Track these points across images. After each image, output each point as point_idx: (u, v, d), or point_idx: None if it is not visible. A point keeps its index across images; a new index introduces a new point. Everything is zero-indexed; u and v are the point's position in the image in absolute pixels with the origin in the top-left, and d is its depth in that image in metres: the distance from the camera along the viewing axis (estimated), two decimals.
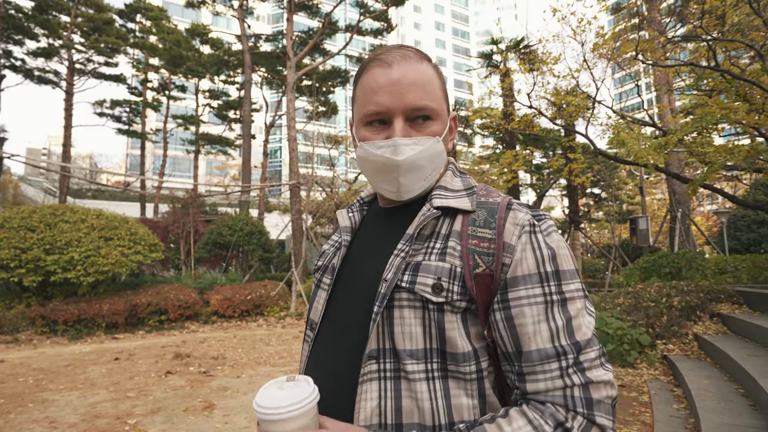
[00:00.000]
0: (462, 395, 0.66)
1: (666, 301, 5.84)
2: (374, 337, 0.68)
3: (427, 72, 0.73)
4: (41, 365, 5.70)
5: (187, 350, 6.49)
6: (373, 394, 0.66)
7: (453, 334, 0.65)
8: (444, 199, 0.72)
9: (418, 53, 0.75)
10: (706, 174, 6.19)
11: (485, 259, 0.66)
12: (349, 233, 0.83)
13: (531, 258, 0.65)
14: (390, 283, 0.68)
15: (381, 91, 0.71)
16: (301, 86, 20.94)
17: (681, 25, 11.70)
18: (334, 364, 0.72)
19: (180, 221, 12.94)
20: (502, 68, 12.44)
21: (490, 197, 0.73)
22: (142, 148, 23.84)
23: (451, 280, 0.66)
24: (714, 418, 3.08)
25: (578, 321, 0.64)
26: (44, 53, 17.56)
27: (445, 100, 0.76)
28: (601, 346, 0.65)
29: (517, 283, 0.65)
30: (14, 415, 3.83)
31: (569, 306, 0.64)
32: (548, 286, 0.64)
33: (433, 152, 0.72)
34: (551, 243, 0.67)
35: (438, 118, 0.73)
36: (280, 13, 53.69)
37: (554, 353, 0.62)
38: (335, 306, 0.77)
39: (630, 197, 24.88)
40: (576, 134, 9.37)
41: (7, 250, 7.32)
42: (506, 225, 0.68)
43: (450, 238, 0.70)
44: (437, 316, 0.66)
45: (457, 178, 0.79)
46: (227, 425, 3.59)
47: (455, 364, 0.66)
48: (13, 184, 19.09)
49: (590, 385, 0.61)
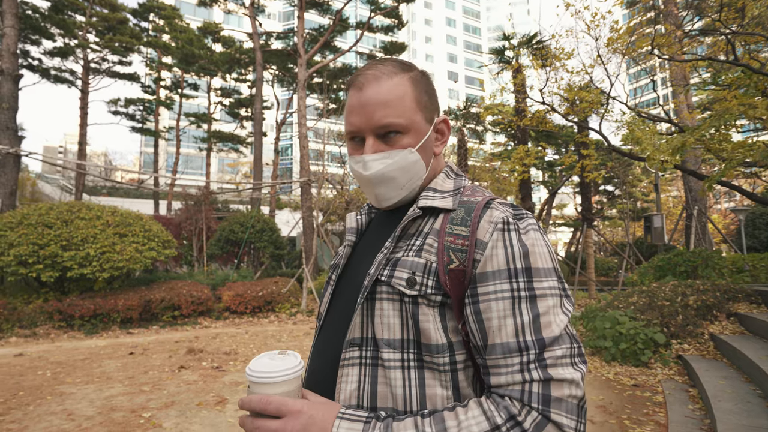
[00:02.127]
0: (437, 386, 0.68)
1: (681, 301, 5.74)
2: (358, 326, 0.73)
3: (396, 89, 0.77)
4: (59, 359, 5.83)
5: (200, 345, 6.57)
6: (353, 377, 0.72)
7: (427, 326, 0.69)
8: (429, 200, 0.77)
9: (393, 68, 0.78)
10: (723, 171, 6.06)
11: (459, 255, 0.69)
12: (354, 234, 0.89)
13: (501, 254, 0.67)
14: (372, 276, 0.73)
15: (353, 112, 0.78)
16: (312, 84, 20.99)
17: (698, 18, 11.44)
18: (331, 351, 0.78)
19: (192, 218, 13.09)
20: (514, 64, 12.31)
21: (473, 197, 0.76)
22: (156, 146, 24.15)
23: (425, 274, 0.70)
24: (730, 420, 3.02)
25: (547, 318, 0.64)
26: (60, 53, 17.88)
27: (422, 109, 0.79)
28: (578, 346, 0.65)
29: (486, 279, 0.67)
30: (33, 407, 3.92)
31: (539, 303, 0.65)
32: (516, 282, 0.66)
33: (405, 163, 0.77)
34: (526, 241, 0.68)
35: (408, 131, 0.77)
36: (291, 10, 53.81)
37: (516, 348, 0.63)
38: (336, 300, 0.83)
39: (644, 194, 24.49)
40: (589, 130, 9.24)
41: (25, 246, 7.48)
42: (481, 222, 0.70)
43: (429, 236, 0.74)
44: (412, 308, 0.70)
45: (450, 179, 0.83)
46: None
47: (429, 355, 0.69)
48: (30, 181, 19.50)
49: (551, 382, 0.61)
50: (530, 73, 12.34)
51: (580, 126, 9.40)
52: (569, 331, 0.65)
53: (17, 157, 9.58)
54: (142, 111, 22.23)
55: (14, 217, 7.93)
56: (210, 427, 3.49)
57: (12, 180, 9.48)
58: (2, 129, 9.50)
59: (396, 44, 19.97)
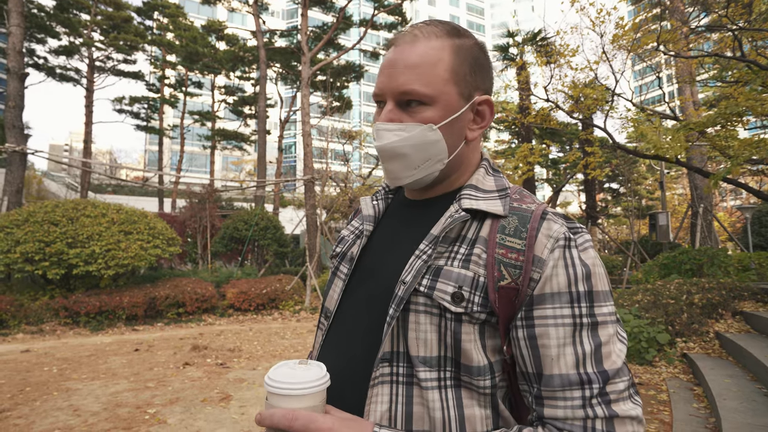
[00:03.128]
0: (474, 405, 0.63)
1: (686, 299, 5.71)
2: (388, 339, 0.65)
3: (430, 52, 0.67)
4: (65, 355, 5.88)
5: (205, 342, 6.61)
6: (384, 397, 0.64)
7: (469, 347, 0.62)
8: (474, 200, 0.68)
9: (437, 31, 0.69)
10: (729, 168, 6.01)
11: (512, 271, 0.62)
12: (371, 222, 0.79)
13: (563, 275, 0.60)
14: (408, 286, 0.64)
15: (381, 72, 0.70)
16: (316, 81, 20.99)
17: (705, 14, 11.34)
18: (348, 356, 0.70)
19: (197, 216, 13.14)
20: (518, 61, 12.26)
21: (524, 202, 0.68)
22: (160, 144, 24.25)
23: (472, 290, 0.62)
24: (736, 418, 3.01)
25: (608, 348, 0.59)
26: (65, 51, 17.97)
27: (458, 82, 0.68)
28: (631, 377, 0.60)
29: (544, 301, 0.60)
30: (40, 403, 3.96)
31: (600, 331, 0.59)
32: (578, 308, 0.59)
33: (421, 140, 0.67)
34: (586, 260, 0.61)
35: (434, 104, 0.67)
36: (294, 8, 53.81)
37: (578, 381, 0.58)
38: (350, 297, 0.75)
39: (650, 192, 24.36)
40: (594, 128, 9.19)
41: (31, 243, 7.54)
42: (538, 236, 0.62)
43: (476, 244, 0.65)
44: (454, 326, 0.62)
45: (489, 176, 0.74)
46: (243, 416, 3.65)
47: (469, 376, 0.63)
48: (37, 179, 19.63)
49: (615, 420, 0.57)
50: (534, 70, 12.27)
51: (585, 123, 9.36)
52: (626, 361, 0.61)
53: (23, 155, 9.65)
54: (146, 109, 22.32)
55: (21, 215, 7.99)
56: (214, 423, 3.51)
57: (18, 178, 9.55)
58: (9, 127, 9.56)
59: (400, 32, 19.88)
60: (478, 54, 0.71)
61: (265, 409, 0.58)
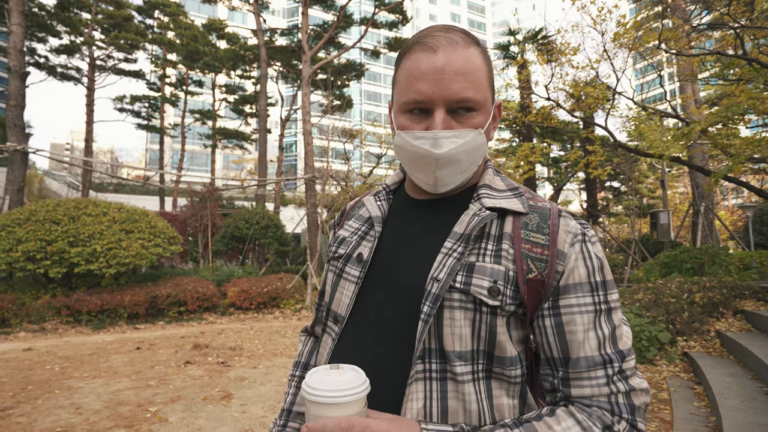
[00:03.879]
0: (503, 395, 0.68)
1: (687, 297, 5.71)
2: (421, 338, 0.66)
3: (473, 59, 0.69)
4: (66, 353, 5.89)
5: (206, 341, 6.62)
6: (419, 394, 0.66)
7: (503, 339, 0.66)
8: (494, 200, 0.72)
9: (466, 37, 0.70)
10: (730, 166, 6.00)
11: (538, 264, 0.67)
12: (380, 224, 0.79)
13: (582, 267, 0.67)
14: (443, 283, 0.66)
15: (424, 78, 0.67)
16: (316, 80, 20.97)
17: (707, 12, 11.30)
18: (368, 356, 0.70)
19: (198, 214, 13.16)
20: (519, 60, 12.24)
21: (538, 201, 0.74)
22: (161, 143, 24.26)
23: (506, 283, 0.66)
24: (736, 417, 3.01)
25: (620, 330, 0.67)
26: (66, 50, 17.98)
27: (490, 88, 0.73)
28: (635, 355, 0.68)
29: (569, 291, 0.66)
30: (42, 401, 3.98)
31: (613, 315, 0.67)
32: (598, 296, 0.67)
33: (473, 145, 0.70)
34: (598, 253, 0.69)
35: (482, 109, 0.70)
36: (295, 7, 53.76)
37: (601, 361, 0.64)
38: (368, 300, 0.74)
39: (651, 191, 24.32)
40: (595, 126, 9.17)
41: (33, 242, 7.56)
42: (560, 232, 0.69)
43: (503, 240, 0.69)
44: (490, 319, 0.66)
45: (497, 177, 0.79)
46: (244, 414, 3.66)
47: (501, 367, 0.67)
48: (38, 178, 19.66)
49: (632, 393, 0.64)
50: (535, 68, 12.26)
51: (586, 122, 9.34)
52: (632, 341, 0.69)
53: (25, 154, 9.66)
54: (147, 108, 22.33)
55: (22, 214, 8.01)
56: (215, 421, 3.52)
57: (20, 177, 9.56)
58: (10, 126, 9.57)
59: (400, 40, 19.88)
60: (490, 60, 0.76)
61: (307, 420, 0.57)
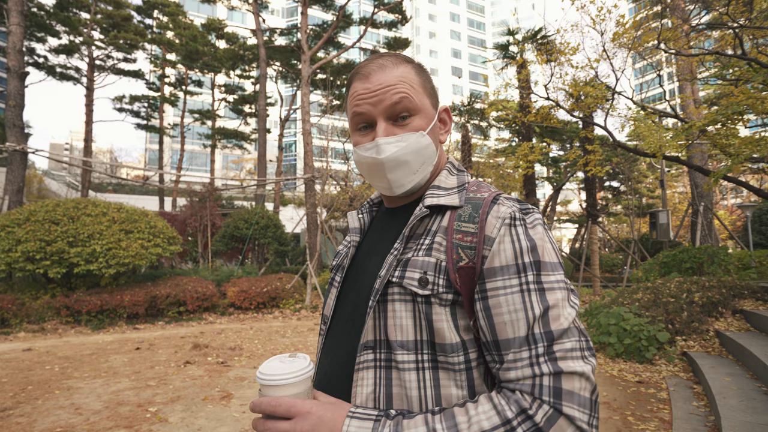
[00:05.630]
0: (452, 386, 0.68)
1: (686, 297, 5.71)
2: (371, 328, 0.73)
3: (404, 74, 0.77)
4: (66, 354, 5.89)
5: (205, 341, 6.62)
6: (368, 381, 0.71)
7: (441, 326, 0.68)
8: (435, 198, 0.76)
9: (396, 60, 0.79)
10: (729, 166, 6.00)
11: (468, 252, 0.69)
12: (357, 234, 0.88)
13: (510, 249, 0.67)
14: (383, 279, 0.72)
15: (361, 100, 0.77)
16: (316, 80, 20.97)
17: (706, 12, 11.32)
18: (341, 354, 0.78)
19: (197, 214, 13.15)
20: (518, 59, 12.23)
21: (479, 192, 0.76)
22: (160, 143, 24.23)
23: (436, 273, 0.69)
24: (735, 416, 3.02)
25: (556, 311, 0.64)
26: (65, 50, 17.95)
27: (428, 95, 0.80)
28: (586, 339, 0.64)
29: (494, 274, 0.66)
30: (42, 401, 3.98)
31: (548, 296, 0.64)
32: (525, 276, 0.65)
33: (418, 146, 0.76)
34: (534, 235, 0.68)
35: (419, 112, 0.77)
36: (294, 6, 53.71)
37: (526, 342, 0.63)
38: (343, 302, 0.83)
39: (650, 190, 24.34)
40: (594, 126, 9.18)
41: (32, 242, 7.55)
42: (488, 218, 0.70)
43: (437, 234, 0.73)
44: (425, 308, 0.69)
45: (452, 176, 0.82)
46: (244, 414, 3.66)
47: (444, 355, 0.68)
48: (37, 178, 19.66)
49: (562, 375, 0.60)
50: (535, 68, 12.26)
51: (585, 122, 9.34)
52: (577, 325, 0.65)
53: (24, 154, 9.66)
54: (146, 108, 22.30)
55: (21, 214, 8.00)
56: (215, 421, 3.52)
57: (19, 177, 9.56)
58: (9, 126, 9.57)
59: (399, 40, 19.90)
60: (427, 74, 0.83)
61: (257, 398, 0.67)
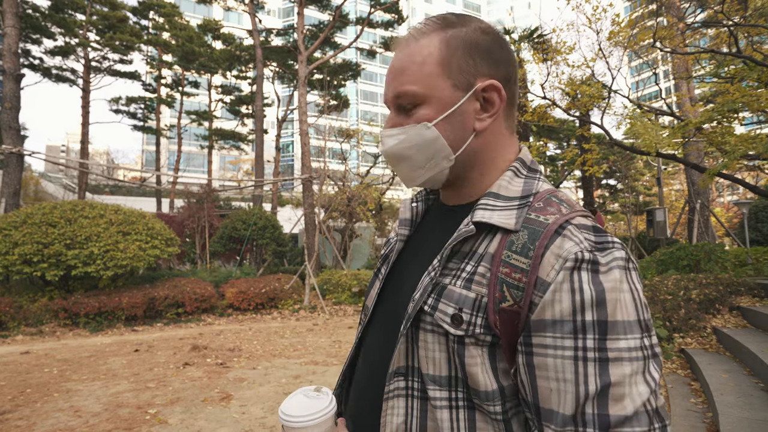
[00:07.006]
0: (489, 429, 0.59)
1: (684, 294, 5.74)
2: (402, 354, 0.64)
3: (419, 51, 0.65)
4: (65, 356, 5.88)
5: (204, 342, 6.61)
6: (399, 410, 0.64)
7: (475, 370, 0.58)
8: (487, 212, 0.62)
9: (430, 27, 0.67)
10: (725, 163, 6.04)
11: (514, 293, 0.56)
12: (407, 227, 0.77)
13: (567, 301, 0.52)
14: (416, 304, 0.62)
15: None
16: (313, 80, 20.95)
17: (701, 10, 11.36)
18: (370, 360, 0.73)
19: (195, 216, 13.12)
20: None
21: (544, 213, 0.60)
22: (157, 144, 24.18)
23: (474, 312, 0.58)
24: (733, 413, 3.03)
25: (620, 390, 0.49)
26: (61, 52, 17.88)
27: (450, 74, 0.64)
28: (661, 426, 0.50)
29: (543, 328, 0.53)
30: (40, 404, 3.97)
31: (611, 369, 0.50)
32: (583, 340, 0.51)
33: (419, 141, 0.65)
34: (605, 283, 0.52)
35: (426, 101, 0.64)
36: (290, 7, 53.64)
37: (572, 422, 0.50)
38: (383, 303, 0.75)
39: (647, 188, 24.42)
40: (591, 125, 9.21)
41: (30, 245, 7.53)
42: (545, 255, 0.55)
43: (482, 262, 0.60)
44: (458, 348, 0.59)
45: (519, 178, 0.66)
46: (244, 415, 3.66)
47: (479, 400, 0.59)
48: (34, 180, 19.59)
49: None
50: (531, 67, 12.29)
51: (582, 120, 9.38)
52: (650, 407, 0.50)
53: (20, 156, 9.62)
54: (143, 109, 22.26)
55: (18, 217, 7.97)
56: (215, 422, 3.52)
57: (15, 179, 9.52)
58: (5, 129, 9.53)
59: (396, 40, 19.86)
60: (477, 38, 0.66)
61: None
